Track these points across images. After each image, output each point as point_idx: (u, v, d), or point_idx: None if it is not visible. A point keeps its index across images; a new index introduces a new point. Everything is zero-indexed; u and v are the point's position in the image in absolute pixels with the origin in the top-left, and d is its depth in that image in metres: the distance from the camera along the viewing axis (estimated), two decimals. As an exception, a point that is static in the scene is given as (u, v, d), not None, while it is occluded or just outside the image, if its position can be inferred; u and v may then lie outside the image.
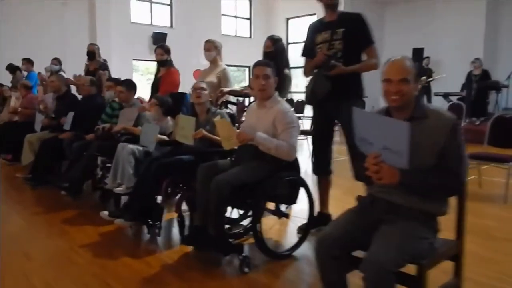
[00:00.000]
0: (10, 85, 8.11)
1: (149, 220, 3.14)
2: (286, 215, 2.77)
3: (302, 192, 2.80)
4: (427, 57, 11.08)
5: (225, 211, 2.56)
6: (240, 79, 15.76)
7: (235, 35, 15.12)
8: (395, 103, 1.70)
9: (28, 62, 7.81)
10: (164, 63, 4.60)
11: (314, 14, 14.38)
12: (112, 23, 11.41)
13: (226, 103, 3.71)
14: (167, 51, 4.60)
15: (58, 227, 3.48)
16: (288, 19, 15.73)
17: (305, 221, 2.94)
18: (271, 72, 2.73)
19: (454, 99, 9.74)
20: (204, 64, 4.50)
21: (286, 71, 3.63)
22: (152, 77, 4.94)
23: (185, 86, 4.79)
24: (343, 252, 1.68)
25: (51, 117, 5.33)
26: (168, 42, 12.71)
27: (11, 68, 8.10)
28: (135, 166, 3.59)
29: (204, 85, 3.41)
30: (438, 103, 9.92)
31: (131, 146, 3.64)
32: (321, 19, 3.22)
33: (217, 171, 2.63)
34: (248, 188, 2.55)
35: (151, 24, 12.74)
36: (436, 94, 10.80)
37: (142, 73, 13.62)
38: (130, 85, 4.38)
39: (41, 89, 6.34)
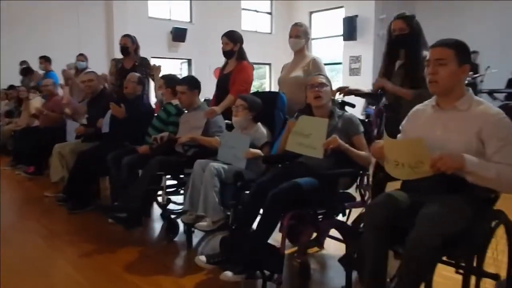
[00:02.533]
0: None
1: (266, 271, 2.21)
2: (495, 277, 1.82)
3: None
4: (476, 52, 10.13)
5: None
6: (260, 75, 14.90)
7: (256, 31, 14.20)
8: None
9: (46, 60, 6.87)
10: (232, 55, 3.68)
11: (341, 7, 13.49)
12: (130, 18, 10.46)
13: (343, 105, 2.79)
14: (235, 39, 3.67)
15: (124, 280, 2.50)
16: (311, 13, 14.79)
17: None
18: (453, 57, 1.79)
19: (500, 96, 9.00)
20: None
21: (425, 53, 2.70)
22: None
23: (205, 87, 3.83)
24: None
25: (82, 124, 4.40)
26: (188, 38, 11.87)
27: (24, 69, 7.17)
28: (221, 192, 2.68)
29: (324, 80, 2.53)
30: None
31: (214, 164, 2.72)
32: None
33: (399, 212, 1.73)
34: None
35: (170, 19, 11.81)
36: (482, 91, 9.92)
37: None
38: (192, 84, 3.47)
39: (67, 89, 5.39)
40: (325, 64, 3.63)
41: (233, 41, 3.61)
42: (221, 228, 2.65)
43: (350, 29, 12.99)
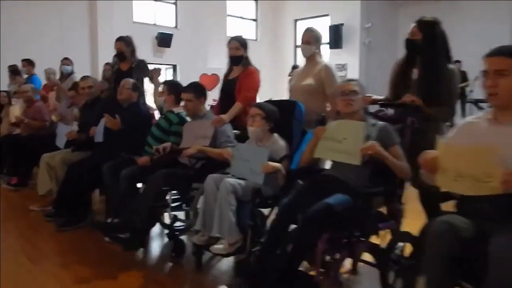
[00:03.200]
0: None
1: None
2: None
3: None
4: (458, 61, 10.15)
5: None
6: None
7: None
8: None
9: (29, 63, 6.50)
10: (239, 60, 3.47)
11: (327, 15, 13.46)
12: (114, 23, 10.10)
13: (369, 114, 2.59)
14: (245, 45, 3.50)
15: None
16: (296, 20, 14.73)
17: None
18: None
19: (485, 106, 9.01)
20: (211, 68, 3.51)
21: (450, 66, 2.56)
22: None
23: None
24: None
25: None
26: (173, 44, 11.57)
27: (12, 71, 6.74)
28: (237, 211, 2.44)
29: (356, 88, 2.33)
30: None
31: (230, 180, 2.48)
32: None
33: (463, 242, 1.54)
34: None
35: (155, 24, 11.51)
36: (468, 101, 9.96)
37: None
38: (199, 91, 3.23)
39: (53, 95, 5.05)
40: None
41: (244, 47, 3.43)
42: (238, 251, 2.41)
43: (336, 38, 12.95)
